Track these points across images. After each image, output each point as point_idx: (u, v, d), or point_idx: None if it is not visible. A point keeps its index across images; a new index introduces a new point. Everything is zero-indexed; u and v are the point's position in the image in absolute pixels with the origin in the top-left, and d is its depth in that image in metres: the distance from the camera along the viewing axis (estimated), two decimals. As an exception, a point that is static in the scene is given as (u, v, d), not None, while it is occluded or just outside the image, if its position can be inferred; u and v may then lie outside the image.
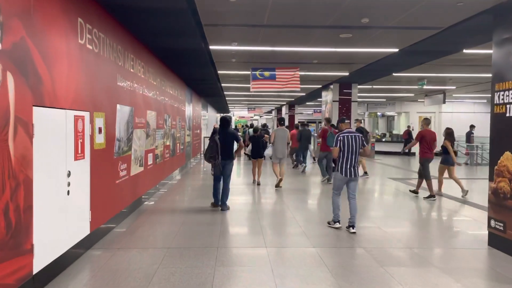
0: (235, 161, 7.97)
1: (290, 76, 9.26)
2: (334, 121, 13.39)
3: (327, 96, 14.31)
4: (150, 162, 8.25)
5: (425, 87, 13.01)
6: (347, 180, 5.80)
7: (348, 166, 5.71)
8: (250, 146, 11.28)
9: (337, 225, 5.97)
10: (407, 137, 21.03)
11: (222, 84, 14.59)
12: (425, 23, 5.89)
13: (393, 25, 6.05)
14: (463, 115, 21.64)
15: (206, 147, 7.45)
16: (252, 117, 46.75)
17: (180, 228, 5.88)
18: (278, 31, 6.55)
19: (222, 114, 44.96)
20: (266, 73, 9.27)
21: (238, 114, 40.83)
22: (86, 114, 4.75)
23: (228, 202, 7.32)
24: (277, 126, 9.69)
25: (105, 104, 5.44)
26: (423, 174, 8.55)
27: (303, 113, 35.22)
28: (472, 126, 17.41)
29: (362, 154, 5.95)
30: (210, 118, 27.85)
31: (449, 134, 8.85)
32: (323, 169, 10.73)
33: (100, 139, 5.22)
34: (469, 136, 17.20)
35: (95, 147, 5.04)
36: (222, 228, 5.93)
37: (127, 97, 6.47)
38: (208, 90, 16.39)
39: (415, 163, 17.85)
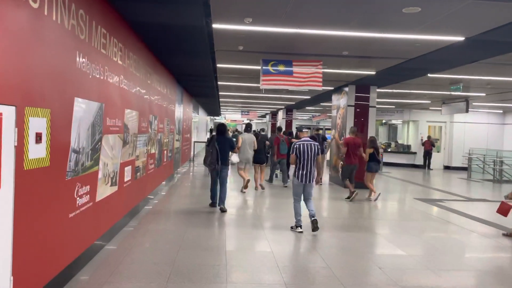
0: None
1: (311, 71, 7.31)
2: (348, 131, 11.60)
3: (340, 100, 12.41)
4: (127, 178, 6.19)
5: (455, 92, 11.20)
6: (303, 185, 6.17)
7: (304, 172, 6.10)
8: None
9: (299, 229, 6.20)
10: (430, 147, 19.29)
11: (219, 82, 12.58)
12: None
13: (489, -6, 4.16)
14: (477, 125, 20.00)
15: (205, 153, 7.81)
16: (243, 121, 44.70)
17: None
18: (317, 1, 4.59)
19: (212, 117, 42.99)
20: (281, 67, 7.30)
21: (230, 118, 38.80)
22: (7, 111, 2.73)
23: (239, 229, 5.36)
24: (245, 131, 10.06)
25: (52, 95, 3.41)
26: (341, 176, 9.71)
27: (297, 119, 33.35)
28: None
29: (317, 165, 6.21)
30: (200, 121, 25.79)
31: (371, 142, 9.55)
32: (272, 174, 11.80)
33: (38, 151, 3.18)
34: None
35: (28, 166, 3.01)
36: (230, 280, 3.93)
37: (93, 89, 4.43)
38: (202, 89, 14.36)
39: (433, 177, 16.11)
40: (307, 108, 23.28)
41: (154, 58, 8.01)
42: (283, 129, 16.82)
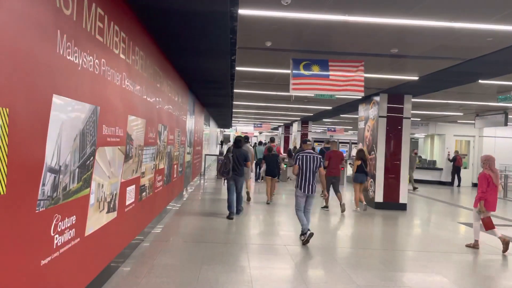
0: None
1: (351, 74, 6.13)
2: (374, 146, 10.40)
3: (369, 111, 11.20)
4: (130, 200, 5.03)
5: (503, 104, 9.93)
6: (306, 196, 6.30)
7: (306, 184, 6.22)
8: (264, 166, 11.07)
9: (308, 232, 6.22)
10: (461, 163, 17.89)
11: (234, 90, 11.47)
12: None
13: None
14: (508, 140, 18.57)
15: (220, 164, 8.46)
16: (253, 134, 43.57)
17: None
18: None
19: (222, 129, 41.92)
20: (315, 68, 6.13)
21: (241, 130, 37.81)
22: None
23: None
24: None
25: (13, 89, 2.28)
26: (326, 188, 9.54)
27: (312, 131, 32.07)
28: None
29: (320, 178, 6.45)
30: (211, 133, 24.70)
31: (359, 153, 9.97)
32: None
33: (-17, 174, 2.03)
34: None
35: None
36: None
37: (84, 86, 3.30)
38: (215, 99, 13.26)
39: (466, 196, 14.60)
40: (324, 120, 22.08)
41: (164, 58, 6.91)
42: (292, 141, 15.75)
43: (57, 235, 2.94)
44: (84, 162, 3.39)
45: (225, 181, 8.15)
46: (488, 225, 6.38)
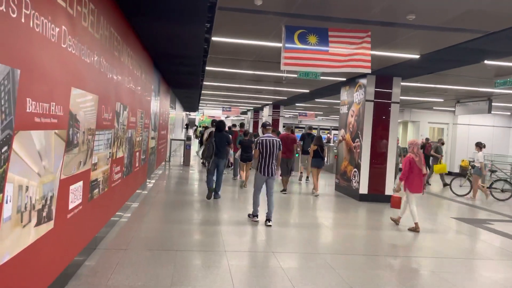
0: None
1: (354, 47, 5.07)
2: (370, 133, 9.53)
3: (354, 94, 10.27)
4: (75, 202, 3.77)
5: (498, 90, 9.27)
6: (266, 178, 6.45)
7: (266, 166, 6.39)
8: (239, 152, 10.77)
9: (256, 218, 6.55)
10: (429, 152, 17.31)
11: (206, 68, 10.17)
12: None
13: None
14: (481, 128, 18.40)
15: (203, 148, 8.81)
16: (220, 117, 42.18)
17: None
18: None
19: (188, 113, 40.23)
20: (312, 39, 5.01)
21: (209, 114, 36.38)
22: None
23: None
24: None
25: None
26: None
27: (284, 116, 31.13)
28: None
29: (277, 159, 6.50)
30: (177, 117, 23.19)
31: (316, 139, 10.11)
32: (236, 169, 12.14)
33: None
34: None
35: None
36: None
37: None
38: (183, 78, 11.90)
39: (444, 186, 13.84)
40: (296, 104, 21.12)
41: (124, 21, 5.57)
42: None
43: None
44: (-11, 155, 2.14)
45: (207, 164, 8.38)
46: (395, 204, 6.84)
